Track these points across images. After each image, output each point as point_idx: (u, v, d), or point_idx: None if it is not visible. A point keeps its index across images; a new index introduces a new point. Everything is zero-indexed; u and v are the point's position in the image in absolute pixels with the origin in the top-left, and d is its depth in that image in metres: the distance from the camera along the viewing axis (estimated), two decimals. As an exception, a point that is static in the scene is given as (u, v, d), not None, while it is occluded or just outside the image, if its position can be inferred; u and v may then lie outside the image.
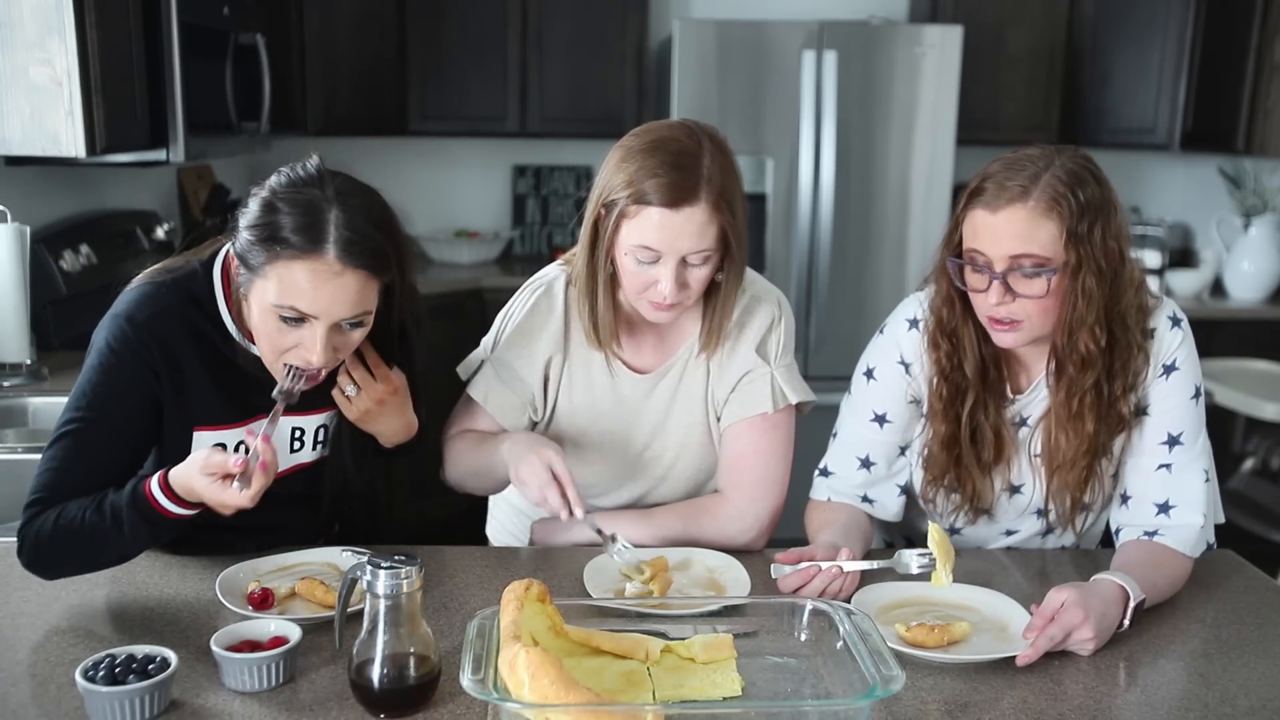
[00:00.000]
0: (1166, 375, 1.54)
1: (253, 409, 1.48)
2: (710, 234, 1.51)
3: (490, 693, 1.06)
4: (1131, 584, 1.38)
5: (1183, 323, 1.56)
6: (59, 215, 2.87)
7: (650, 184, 1.48)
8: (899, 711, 1.20)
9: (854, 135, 3.83)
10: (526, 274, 1.81)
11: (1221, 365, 3.52)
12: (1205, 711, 1.22)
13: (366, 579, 1.14)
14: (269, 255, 1.32)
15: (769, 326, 1.66)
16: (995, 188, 1.45)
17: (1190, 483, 1.53)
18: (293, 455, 1.57)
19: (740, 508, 1.64)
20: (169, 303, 1.43)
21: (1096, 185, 1.46)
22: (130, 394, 1.41)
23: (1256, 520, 3.16)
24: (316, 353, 1.35)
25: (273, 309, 1.34)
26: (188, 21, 2.64)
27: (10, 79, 2.29)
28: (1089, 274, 1.45)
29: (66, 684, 1.20)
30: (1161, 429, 1.54)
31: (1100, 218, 1.45)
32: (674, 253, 1.50)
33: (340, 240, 1.32)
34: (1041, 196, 1.43)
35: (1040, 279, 1.44)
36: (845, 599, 1.41)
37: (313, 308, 1.33)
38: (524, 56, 4.18)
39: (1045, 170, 1.44)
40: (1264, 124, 3.76)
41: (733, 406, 1.67)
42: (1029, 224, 1.43)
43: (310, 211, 1.32)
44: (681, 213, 1.48)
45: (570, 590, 1.49)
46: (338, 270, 1.32)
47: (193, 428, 1.46)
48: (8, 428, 2.31)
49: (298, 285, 1.32)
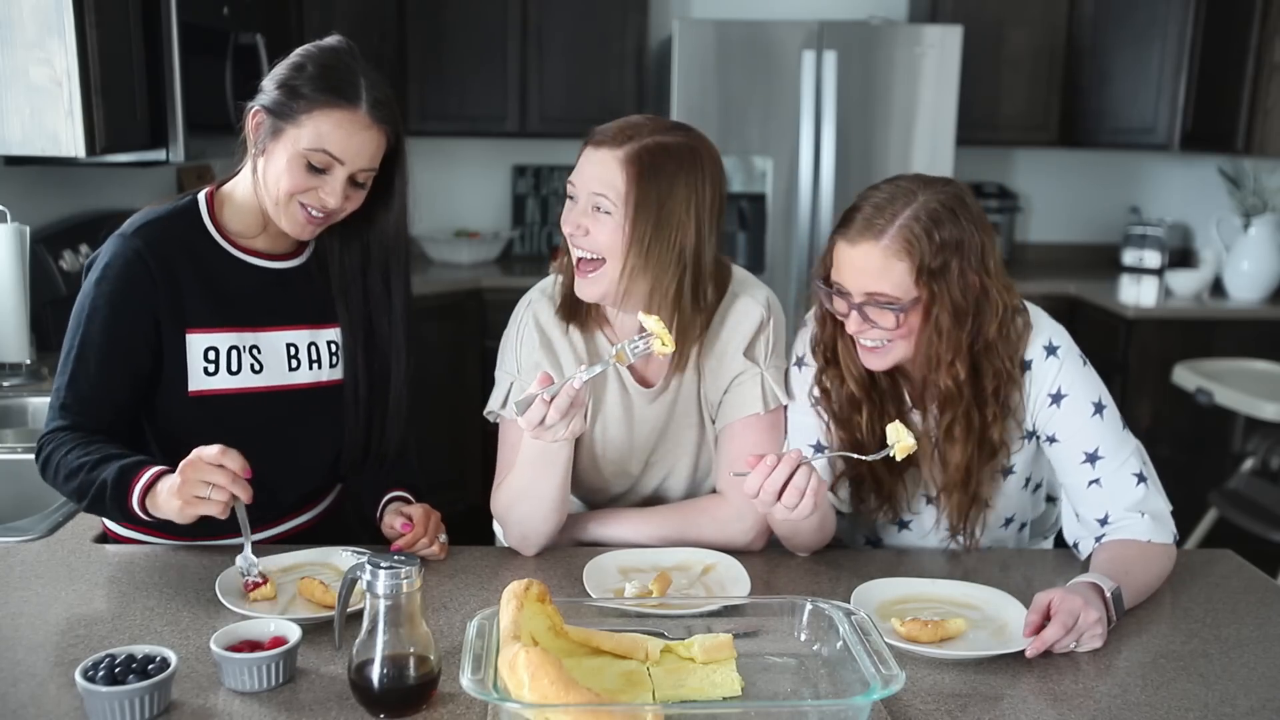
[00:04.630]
0: (1057, 403, 1.55)
1: (239, 316, 1.59)
2: (615, 183, 1.54)
3: (490, 693, 1.06)
4: (1102, 579, 1.40)
5: (1059, 349, 1.55)
6: (59, 215, 2.88)
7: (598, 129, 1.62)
8: (899, 709, 1.20)
9: (854, 135, 3.83)
10: (526, 274, 1.82)
11: (1221, 365, 3.52)
12: (1205, 711, 1.22)
13: (366, 579, 1.14)
14: (308, 104, 1.48)
15: (757, 328, 1.66)
16: (860, 221, 1.47)
17: (1122, 490, 1.53)
18: (292, 373, 1.63)
19: (740, 508, 1.64)
20: (158, 216, 1.57)
21: (956, 223, 1.46)
22: (130, 302, 1.52)
23: (1256, 520, 3.15)
24: (336, 195, 1.51)
25: (303, 154, 1.48)
26: (187, 21, 2.64)
27: (10, 79, 2.29)
28: (943, 311, 1.46)
29: (66, 684, 1.20)
30: (1077, 450, 1.55)
31: (957, 256, 1.45)
32: (584, 188, 1.59)
33: (370, 99, 1.50)
34: (896, 236, 1.44)
35: (890, 314, 1.46)
36: (813, 504, 1.40)
37: (344, 154, 1.49)
38: (524, 56, 4.18)
39: (906, 208, 1.45)
40: (1264, 124, 3.75)
41: (726, 409, 1.67)
42: (881, 262, 1.45)
43: (347, 73, 1.51)
44: (599, 151, 1.58)
45: (570, 590, 1.49)
46: (367, 124, 1.50)
47: (185, 330, 1.55)
48: (7, 428, 2.31)
49: (334, 133, 1.48)
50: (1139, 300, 3.96)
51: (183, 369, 1.55)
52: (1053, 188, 4.64)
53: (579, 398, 1.42)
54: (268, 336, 1.61)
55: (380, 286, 1.66)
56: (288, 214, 1.53)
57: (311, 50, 1.54)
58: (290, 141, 1.49)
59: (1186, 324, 3.86)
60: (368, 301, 1.66)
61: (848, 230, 1.48)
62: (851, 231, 1.47)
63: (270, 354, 1.61)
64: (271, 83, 1.52)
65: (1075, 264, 4.53)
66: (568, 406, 1.41)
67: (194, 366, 1.55)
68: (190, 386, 1.55)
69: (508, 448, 1.67)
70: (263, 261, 1.61)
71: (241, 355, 1.58)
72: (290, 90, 1.49)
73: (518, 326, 1.69)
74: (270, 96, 1.51)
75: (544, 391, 1.40)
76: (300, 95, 1.49)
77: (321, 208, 1.52)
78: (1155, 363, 3.76)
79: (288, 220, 1.53)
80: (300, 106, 1.48)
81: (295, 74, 1.50)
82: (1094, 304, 4.01)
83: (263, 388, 1.60)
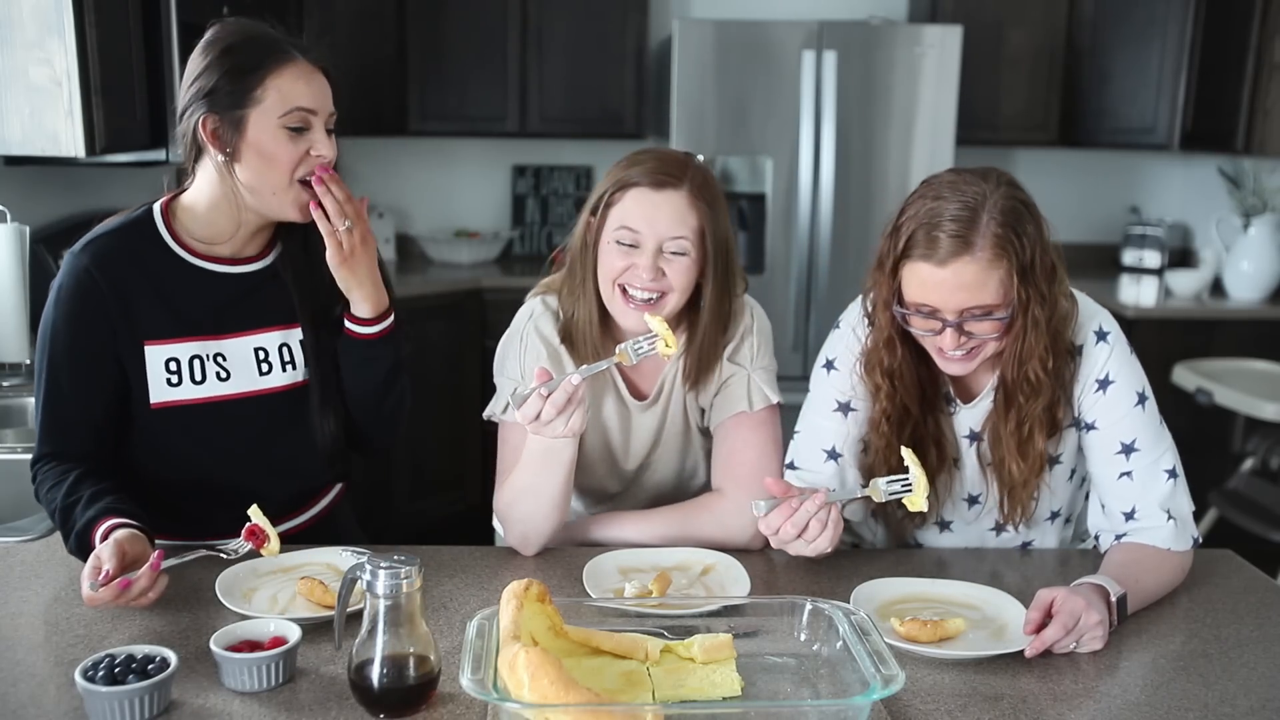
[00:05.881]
0: (1104, 390, 1.53)
1: (200, 326, 1.57)
2: (690, 222, 1.55)
3: (490, 693, 1.06)
4: (1109, 583, 1.39)
5: (1109, 335, 1.54)
6: (59, 215, 2.88)
7: (635, 171, 1.57)
8: (899, 709, 1.20)
9: (853, 135, 3.83)
10: (526, 274, 1.82)
11: (1221, 365, 3.52)
12: (1205, 711, 1.22)
13: (366, 579, 1.14)
14: (258, 77, 1.47)
15: (740, 336, 1.69)
16: (945, 241, 1.40)
17: (1155, 486, 1.52)
18: (263, 378, 1.61)
19: (739, 503, 1.64)
20: (107, 231, 1.55)
21: (1027, 212, 1.44)
22: (84, 319, 1.51)
23: (1256, 520, 3.15)
24: (327, 144, 1.51)
25: (280, 123, 1.48)
26: (187, 21, 2.64)
27: (10, 79, 2.29)
28: (1036, 305, 1.43)
29: (66, 684, 1.20)
30: (1114, 439, 1.53)
31: (1038, 246, 1.43)
32: (653, 235, 1.55)
33: (300, 47, 1.52)
34: (988, 247, 1.39)
35: (993, 321, 1.43)
36: (826, 545, 1.40)
37: (313, 102, 1.50)
38: (524, 56, 4.18)
39: (985, 215, 1.40)
40: (1264, 124, 3.75)
41: (716, 410, 1.70)
42: (979, 276, 1.40)
43: (266, 35, 1.51)
44: (663, 193, 1.55)
45: (570, 590, 1.49)
46: (312, 69, 1.51)
47: (142, 342, 1.54)
48: (7, 428, 2.31)
49: (295, 85, 1.49)
50: (1139, 300, 3.96)
51: (143, 381, 1.53)
52: (1052, 188, 4.62)
53: (576, 394, 1.42)
54: (233, 343, 1.59)
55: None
56: (291, 196, 1.51)
57: (215, 40, 1.50)
58: (261, 120, 1.47)
59: (1186, 324, 3.86)
60: (325, 295, 1.61)
61: (933, 252, 1.40)
62: (939, 253, 1.40)
63: (237, 361, 1.59)
64: (204, 85, 1.48)
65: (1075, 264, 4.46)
66: (564, 403, 1.41)
67: (155, 378, 1.54)
68: (153, 398, 1.54)
69: (508, 449, 1.68)
70: (227, 268, 1.59)
71: (205, 364, 1.56)
72: (231, 75, 1.47)
73: (520, 336, 1.70)
74: (214, 97, 1.48)
75: (542, 387, 1.41)
76: (244, 72, 1.47)
77: (321, 160, 1.50)
78: (1155, 363, 3.74)
79: (292, 203, 1.51)
80: (251, 83, 1.47)
81: (223, 62, 1.48)
82: (1094, 304, 4.01)
83: (230, 395, 1.58)
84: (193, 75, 1.50)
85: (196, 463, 1.59)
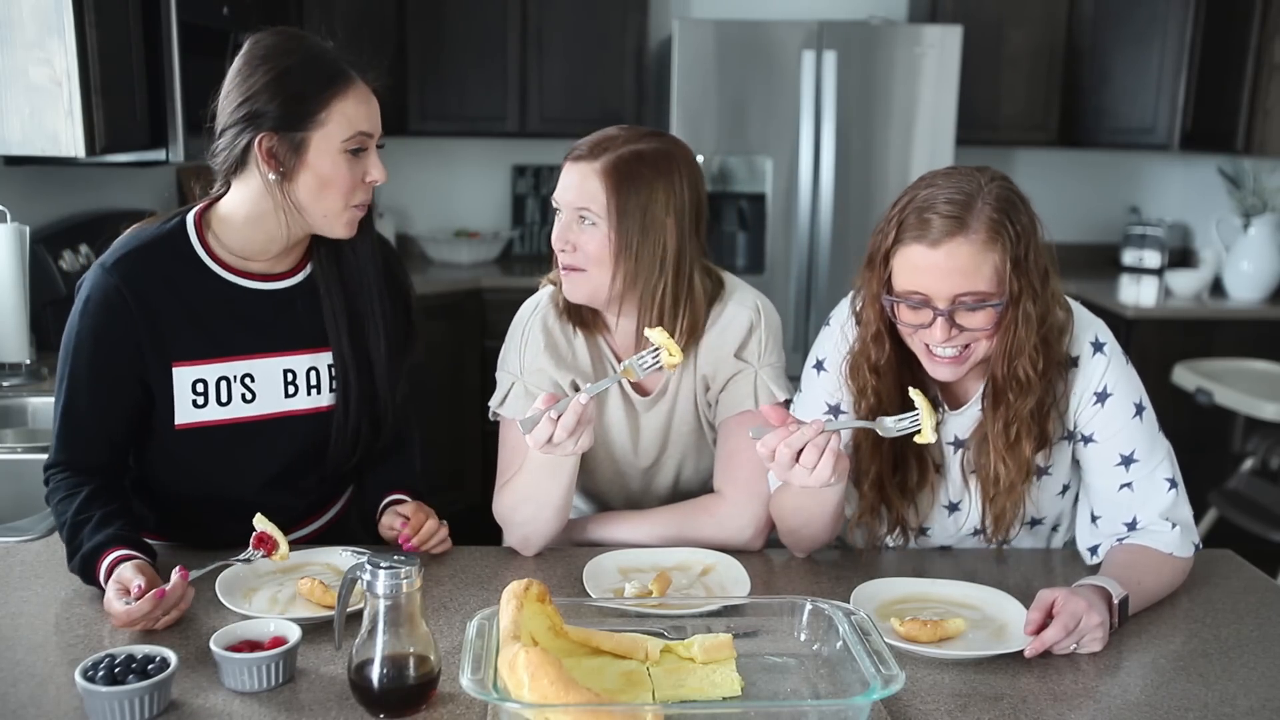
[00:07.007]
0: (1101, 403, 1.51)
1: (231, 346, 1.54)
2: (592, 192, 1.56)
3: (490, 693, 1.06)
4: (1111, 584, 1.38)
5: (1105, 346, 1.52)
6: (59, 215, 2.88)
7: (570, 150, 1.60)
8: (899, 709, 1.20)
9: (853, 135, 3.83)
10: (526, 274, 1.82)
11: (1221, 365, 3.52)
12: (1205, 711, 1.22)
13: (366, 579, 1.14)
14: (322, 101, 1.44)
15: (747, 332, 1.67)
16: (938, 221, 1.38)
17: (1156, 496, 1.51)
18: (288, 400, 1.58)
19: (737, 504, 1.64)
20: (140, 245, 1.51)
21: (1022, 206, 1.42)
22: (110, 339, 1.48)
23: (1256, 520, 3.15)
24: (380, 167, 1.51)
25: (342, 146, 1.46)
26: (187, 21, 2.64)
27: (10, 79, 2.29)
28: (1029, 299, 1.41)
29: (66, 684, 1.20)
30: (1113, 452, 1.52)
31: (1032, 239, 1.41)
32: (566, 206, 1.58)
33: (358, 67, 1.50)
34: (981, 229, 1.37)
35: (984, 311, 1.40)
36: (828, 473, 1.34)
37: (372, 126, 1.49)
38: (524, 56, 4.18)
39: (980, 199, 1.38)
40: (1263, 124, 3.75)
41: (721, 408, 1.69)
42: (973, 258, 1.37)
43: (328, 56, 1.49)
44: (578, 165, 1.58)
45: (570, 590, 1.49)
46: (369, 93, 1.50)
47: (171, 364, 1.51)
48: (7, 428, 2.31)
49: (358, 111, 1.47)
50: (1139, 300, 3.96)
51: (169, 402, 1.51)
52: (1052, 188, 4.64)
53: (585, 414, 1.41)
54: (262, 364, 1.55)
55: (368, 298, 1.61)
56: (346, 218, 1.50)
57: (268, 57, 1.46)
58: (323, 144, 1.45)
59: (1186, 324, 3.87)
60: (358, 310, 1.61)
61: (925, 233, 1.38)
62: (932, 233, 1.38)
63: (265, 382, 1.55)
64: (260, 105, 1.43)
65: (1075, 264, 4.52)
66: (575, 424, 1.40)
67: (181, 399, 1.51)
68: (177, 420, 1.52)
69: (509, 449, 1.67)
70: (260, 284, 1.55)
71: (232, 385, 1.54)
72: (294, 99, 1.43)
73: (523, 329, 1.69)
74: (274, 116, 1.43)
75: (551, 410, 1.40)
76: (308, 97, 1.43)
77: (375, 183, 1.51)
78: (1155, 363, 3.76)
79: (345, 224, 1.50)
80: (315, 107, 1.43)
81: (284, 84, 1.44)
82: (1094, 304, 4.00)
83: (254, 417, 1.56)
84: (245, 93, 1.44)
85: (212, 478, 1.58)
